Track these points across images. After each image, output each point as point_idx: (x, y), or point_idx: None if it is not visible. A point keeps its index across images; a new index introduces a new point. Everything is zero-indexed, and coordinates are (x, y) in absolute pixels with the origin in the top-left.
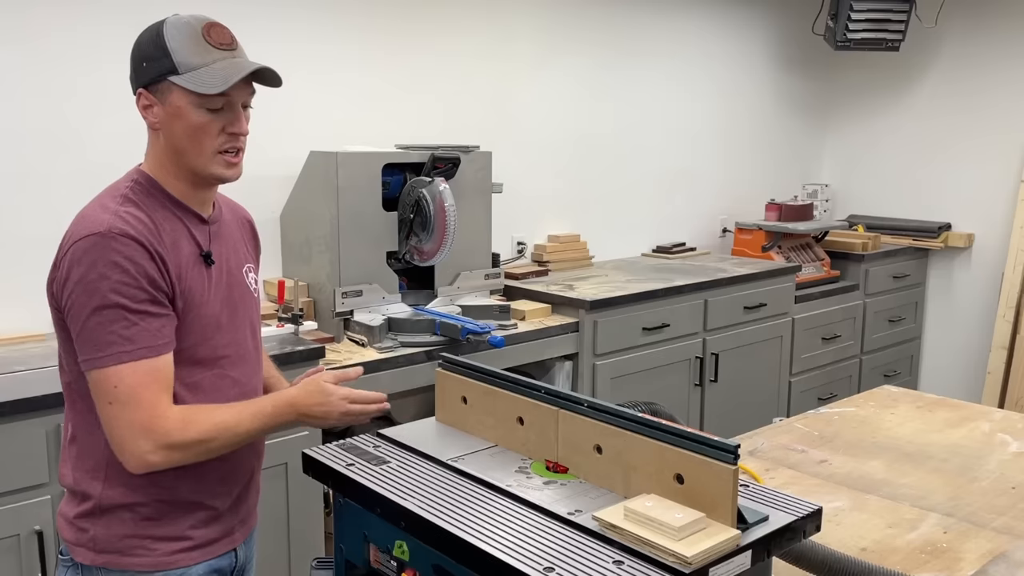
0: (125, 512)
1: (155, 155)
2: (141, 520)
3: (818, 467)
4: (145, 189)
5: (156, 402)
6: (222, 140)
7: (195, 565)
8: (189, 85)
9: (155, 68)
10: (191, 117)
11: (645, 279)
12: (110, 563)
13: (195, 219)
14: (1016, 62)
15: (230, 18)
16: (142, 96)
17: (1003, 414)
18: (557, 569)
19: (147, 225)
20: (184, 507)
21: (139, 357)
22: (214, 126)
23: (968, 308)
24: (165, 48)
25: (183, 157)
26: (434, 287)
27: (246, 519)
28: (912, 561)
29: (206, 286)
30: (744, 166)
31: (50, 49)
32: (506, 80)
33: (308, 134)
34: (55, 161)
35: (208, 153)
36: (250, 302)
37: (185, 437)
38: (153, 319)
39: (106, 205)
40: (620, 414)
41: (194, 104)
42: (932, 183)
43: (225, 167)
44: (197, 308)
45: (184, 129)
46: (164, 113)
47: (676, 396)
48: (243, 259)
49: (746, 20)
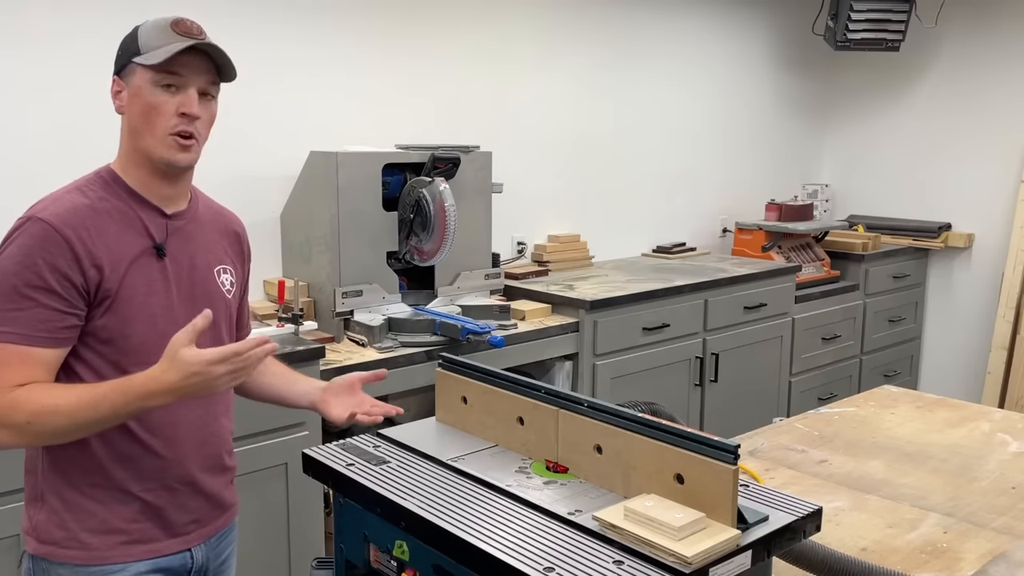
0: (57, 500)
1: (122, 144)
2: (75, 509)
3: (818, 467)
4: (104, 182)
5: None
6: (174, 122)
7: (135, 562)
8: (144, 60)
9: (126, 54)
10: (146, 95)
11: (645, 279)
12: (50, 555)
13: (152, 212)
14: (1016, 62)
15: (225, 19)
16: (114, 83)
17: (1003, 414)
18: (557, 569)
19: (82, 214)
20: (118, 496)
21: (8, 340)
22: (168, 106)
23: (968, 308)
24: (135, 36)
25: (138, 139)
26: (434, 287)
27: (203, 519)
28: (912, 561)
29: (155, 278)
30: (744, 166)
31: (48, 49)
32: (506, 80)
33: (308, 134)
34: (53, 162)
35: (160, 134)
36: (217, 300)
37: (10, 417)
38: (41, 309)
39: (57, 194)
40: (620, 414)
41: (149, 82)
42: (932, 183)
43: (177, 150)
44: (141, 297)
45: (140, 108)
46: (128, 95)
47: (676, 396)
48: (216, 260)
49: (746, 20)
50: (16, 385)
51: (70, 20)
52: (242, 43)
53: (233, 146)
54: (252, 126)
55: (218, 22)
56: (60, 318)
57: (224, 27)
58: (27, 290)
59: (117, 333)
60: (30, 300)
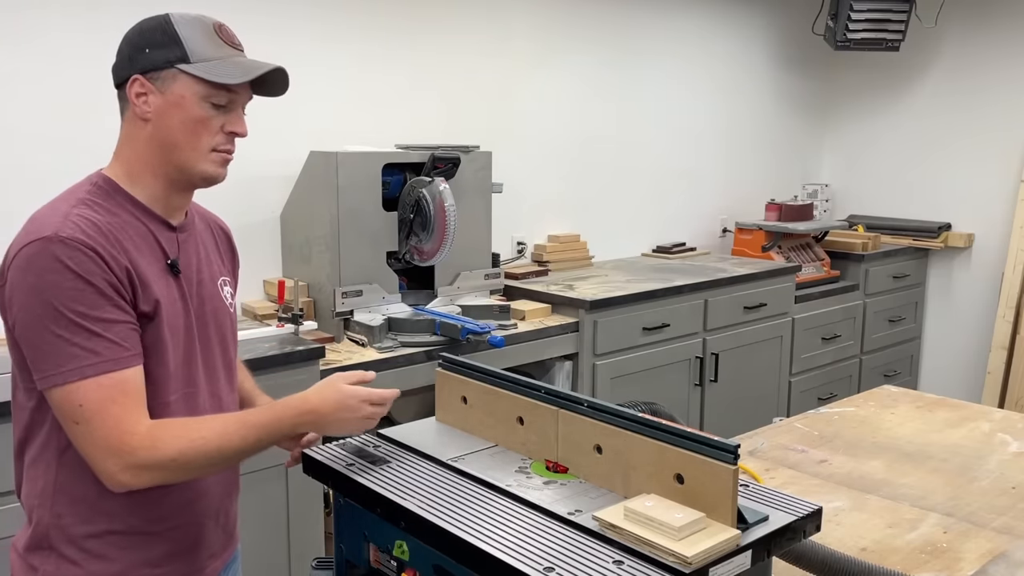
0: (71, 548)
1: (132, 151)
2: (93, 558)
3: (818, 467)
4: (105, 192)
5: (123, 417)
6: (220, 139)
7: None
8: (203, 74)
9: (162, 55)
10: (194, 109)
11: (645, 279)
12: None
13: (161, 225)
14: (1016, 61)
15: (229, 16)
16: (137, 83)
17: (1003, 414)
18: (557, 569)
19: (102, 229)
20: (142, 540)
21: (104, 371)
22: (215, 122)
23: (968, 308)
24: (176, 36)
25: (173, 152)
26: (434, 287)
27: (219, 552)
28: (912, 561)
29: (175, 297)
30: (744, 166)
31: (46, 49)
32: (506, 80)
33: (308, 134)
34: (53, 163)
35: (203, 149)
36: (223, 317)
37: (155, 456)
38: (117, 326)
39: (57, 208)
40: (620, 414)
41: (200, 95)
42: (932, 183)
43: (219, 165)
44: (170, 319)
45: (183, 120)
46: (163, 102)
47: (676, 396)
48: (217, 272)
49: (746, 19)
50: (138, 416)
51: (69, 19)
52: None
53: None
54: (252, 126)
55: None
56: (134, 331)
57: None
58: (94, 312)
59: (155, 359)
60: (101, 321)
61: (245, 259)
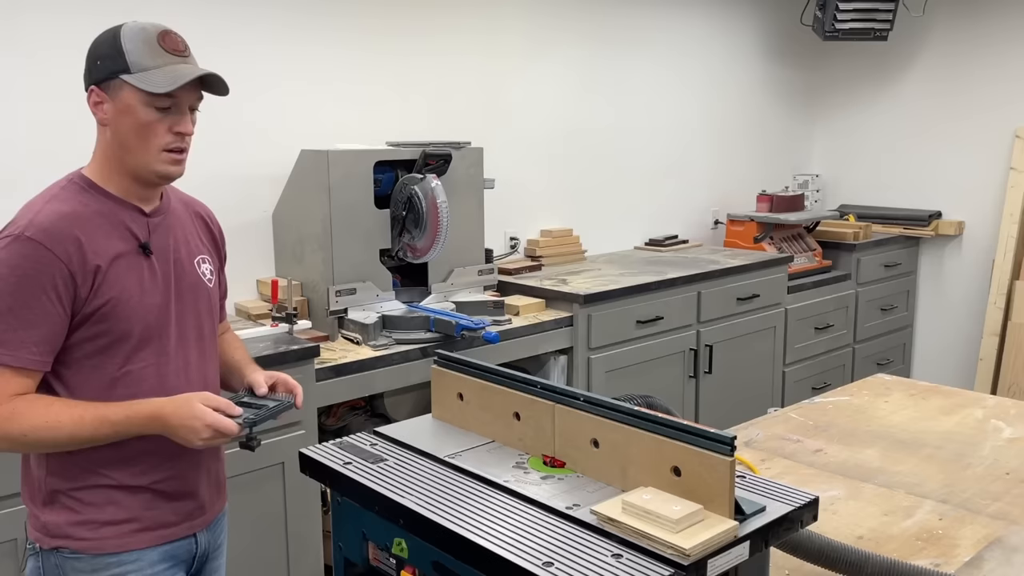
0: (66, 498)
1: (101, 152)
2: (84, 506)
3: (813, 456)
4: (80, 188)
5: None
6: (169, 139)
7: (147, 549)
8: (139, 84)
9: (108, 67)
10: (139, 115)
11: (638, 272)
12: (62, 546)
13: (134, 212)
14: (1003, 48)
15: (217, 21)
16: (93, 93)
17: (996, 400)
18: (556, 563)
19: (71, 223)
20: (126, 491)
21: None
22: (161, 125)
23: (959, 295)
24: (120, 49)
25: (128, 154)
26: (428, 284)
27: (205, 505)
28: (908, 548)
29: (145, 276)
30: (735, 157)
31: (37, 53)
32: (496, 75)
33: (299, 133)
34: (51, 163)
35: (153, 150)
36: (200, 292)
37: (6, 429)
38: (34, 330)
39: (35, 205)
40: (616, 408)
41: (143, 102)
42: (922, 172)
43: (170, 164)
44: (136, 298)
45: (132, 126)
46: (114, 110)
47: (671, 388)
48: (195, 250)
49: (734, 11)
50: (15, 395)
51: (61, 25)
52: (231, 43)
53: (224, 145)
54: (243, 125)
55: (206, 23)
56: (53, 336)
57: (212, 28)
58: (22, 310)
59: (119, 335)
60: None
61: (238, 259)
